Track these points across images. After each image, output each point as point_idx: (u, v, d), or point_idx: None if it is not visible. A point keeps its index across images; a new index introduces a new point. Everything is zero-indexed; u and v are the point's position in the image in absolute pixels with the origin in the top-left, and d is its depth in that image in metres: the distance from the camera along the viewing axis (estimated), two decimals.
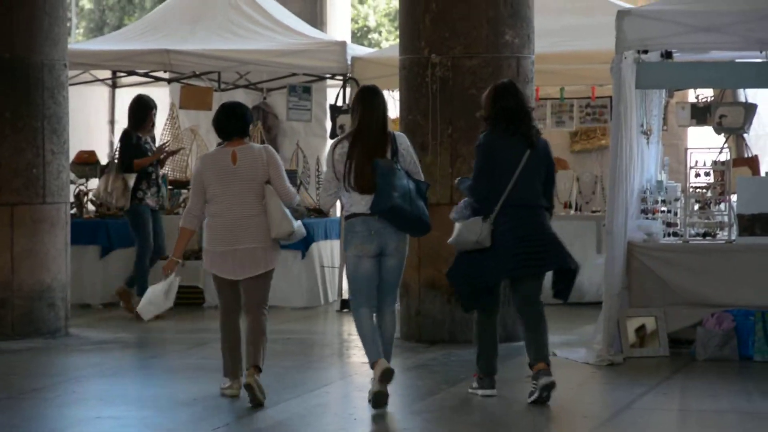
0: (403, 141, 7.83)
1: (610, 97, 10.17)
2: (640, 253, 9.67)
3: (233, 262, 7.90)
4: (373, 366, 7.78)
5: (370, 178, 7.59)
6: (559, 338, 10.26)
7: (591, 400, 8.43)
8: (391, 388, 7.96)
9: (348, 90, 12.76)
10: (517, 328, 10.11)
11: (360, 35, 23.93)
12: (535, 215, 7.78)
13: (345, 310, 12.01)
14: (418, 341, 10.12)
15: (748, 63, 9.80)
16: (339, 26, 17.25)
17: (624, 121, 9.57)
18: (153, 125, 12.15)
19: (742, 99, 11.98)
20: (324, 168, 10.04)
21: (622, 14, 9.54)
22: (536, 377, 7.87)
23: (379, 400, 7.67)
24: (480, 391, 8.06)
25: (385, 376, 7.65)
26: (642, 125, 10.09)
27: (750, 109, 11.08)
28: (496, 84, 8.10)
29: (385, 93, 12.96)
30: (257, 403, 7.75)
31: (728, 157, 10.40)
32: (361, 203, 7.67)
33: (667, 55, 9.86)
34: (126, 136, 11.97)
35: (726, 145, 10.91)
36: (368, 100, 7.76)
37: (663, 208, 10.23)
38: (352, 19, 20.56)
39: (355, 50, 13.40)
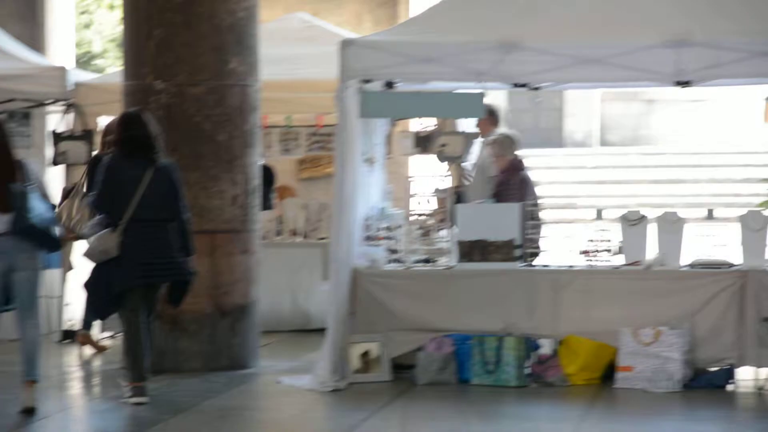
0: (32, 167, 8.50)
1: (336, 125, 10.27)
2: (364, 280, 9.80)
3: None
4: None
5: (6, 200, 8.24)
6: (285, 365, 10.30)
7: (314, 426, 8.48)
8: (116, 421, 7.95)
9: (71, 116, 12.50)
10: (244, 355, 10.15)
11: (85, 61, 23.54)
12: (159, 229, 8.69)
13: (67, 341, 11.78)
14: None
15: (465, 93, 10.07)
16: (62, 51, 16.88)
17: (348, 149, 9.70)
18: None
19: (461, 128, 12.28)
20: None
21: (345, 44, 9.67)
22: (133, 392, 8.66)
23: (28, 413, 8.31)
24: (132, 399, 8.64)
25: (27, 412, 8.29)
26: (365, 153, 10.24)
27: (469, 138, 11.41)
28: (125, 113, 9.14)
29: (113, 119, 12.92)
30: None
31: (449, 185, 10.65)
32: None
33: (390, 84, 10.03)
34: (97, 161, 11.40)
35: (447, 173, 11.18)
36: None
37: (386, 235, 10.40)
38: (77, 44, 20.20)
39: (78, 75, 13.14)
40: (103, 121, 12.81)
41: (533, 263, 10.13)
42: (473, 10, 9.85)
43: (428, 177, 11.05)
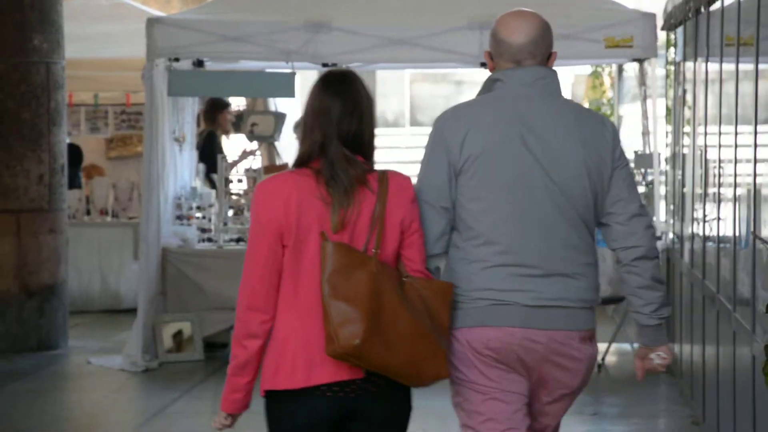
0: None
1: (145, 103, 10.21)
2: (175, 259, 9.76)
3: None
4: None
5: None
6: (95, 345, 10.20)
7: (125, 407, 8.43)
8: None
9: None
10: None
11: None
12: None
13: None
14: None
15: (275, 73, 10.09)
16: None
17: (156, 128, 9.63)
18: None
19: (272, 108, 12.31)
20: None
21: (152, 22, 9.59)
22: None
23: None
24: None
25: None
26: (174, 132, 10.19)
27: (280, 117, 11.45)
28: None
29: None
30: None
31: (260, 164, 10.68)
32: None
33: (199, 63, 10.00)
34: (212, 137, 11.21)
35: (258, 153, 11.20)
36: None
37: (198, 214, 10.38)
38: None
39: None
40: None
41: None
42: None
43: (240, 156, 11.05)
